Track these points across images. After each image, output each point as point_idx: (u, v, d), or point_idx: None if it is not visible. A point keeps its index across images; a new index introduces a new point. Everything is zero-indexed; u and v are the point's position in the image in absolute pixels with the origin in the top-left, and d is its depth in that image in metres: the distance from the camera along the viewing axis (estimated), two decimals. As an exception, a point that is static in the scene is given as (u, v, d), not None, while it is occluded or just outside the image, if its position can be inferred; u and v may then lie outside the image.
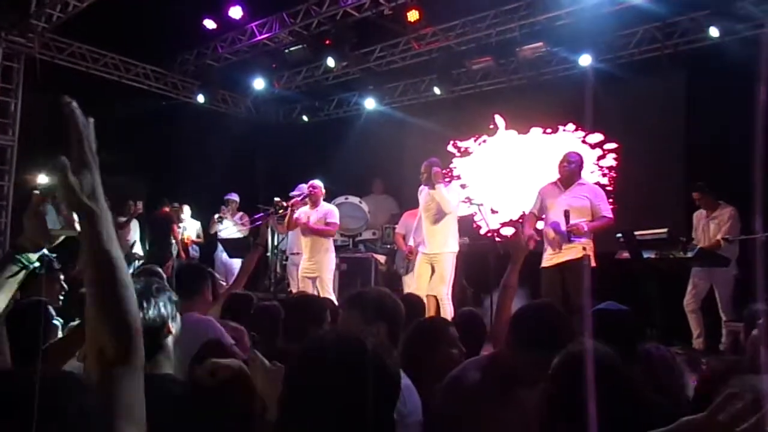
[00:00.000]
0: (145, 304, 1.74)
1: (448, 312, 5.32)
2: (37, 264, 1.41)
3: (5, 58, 7.48)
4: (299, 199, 6.39)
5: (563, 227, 4.88)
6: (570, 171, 5.12)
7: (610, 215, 5.04)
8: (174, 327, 1.78)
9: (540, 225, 5.25)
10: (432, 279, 5.69)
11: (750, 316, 1.95)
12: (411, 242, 6.29)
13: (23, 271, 1.34)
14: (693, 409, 1.63)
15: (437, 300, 5.52)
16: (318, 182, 6.39)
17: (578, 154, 5.30)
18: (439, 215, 5.66)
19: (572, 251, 4.89)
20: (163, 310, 1.75)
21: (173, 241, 7.99)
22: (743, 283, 5.20)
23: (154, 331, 1.74)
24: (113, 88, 8.83)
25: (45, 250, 1.42)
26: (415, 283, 5.86)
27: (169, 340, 1.77)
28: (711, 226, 5.67)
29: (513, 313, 2.29)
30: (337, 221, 6.30)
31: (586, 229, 4.83)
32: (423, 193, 5.83)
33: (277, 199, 6.71)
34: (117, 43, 8.52)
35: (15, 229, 7.19)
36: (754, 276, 5.02)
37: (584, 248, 4.84)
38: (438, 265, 5.62)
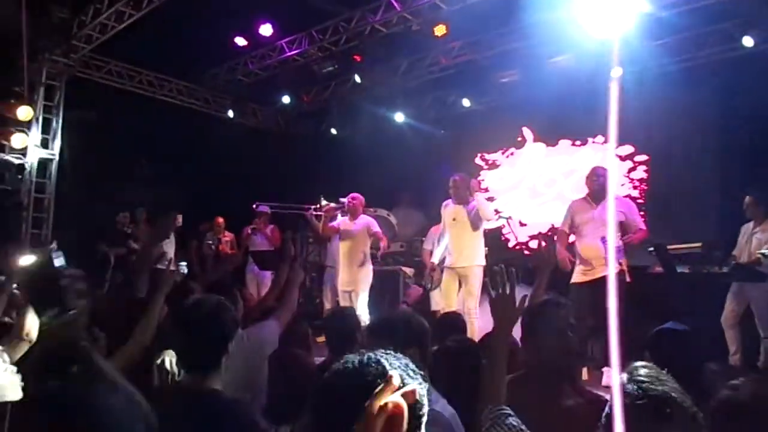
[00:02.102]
0: (219, 315, 1.83)
1: (476, 327, 5.18)
2: None
3: (48, 77, 7.77)
4: (333, 205, 6.41)
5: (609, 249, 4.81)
6: (599, 185, 5.05)
7: (644, 227, 5.00)
8: (230, 348, 1.87)
9: (571, 239, 5.23)
10: (460, 293, 5.58)
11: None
12: (435, 258, 6.13)
13: None
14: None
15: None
16: (357, 195, 6.41)
17: (605, 168, 5.24)
18: (473, 227, 5.57)
19: (607, 267, 4.79)
20: (226, 329, 1.85)
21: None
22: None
23: (219, 344, 1.82)
24: (149, 103, 9.10)
25: None
26: (443, 300, 5.72)
27: (224, 359, 1.85)
28: (754, 241, 5.50)
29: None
30: (379, 230, 6.27)
31: (631, 242, 4.78)
32: (449, 207, 5.75)
33: (323, 202, 6.69)
34: (152, 60, 8.78)
35: (56, 238, 7.43)
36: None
37: (620, 263, 4.73)
38: (467, 279, 5.50)
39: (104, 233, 7.85)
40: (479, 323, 5.28)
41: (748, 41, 6.36)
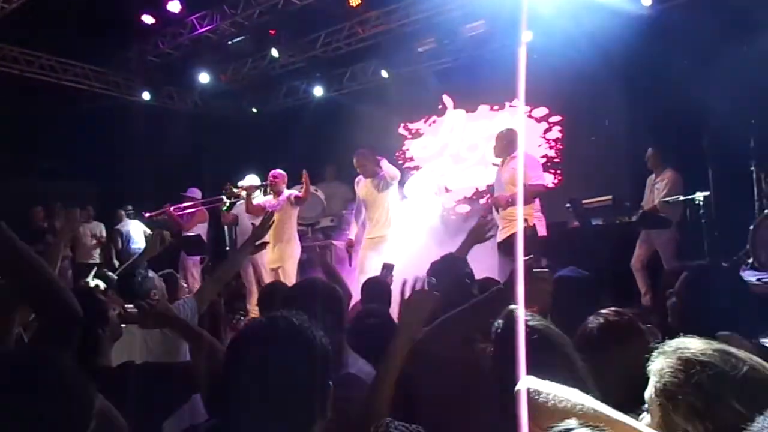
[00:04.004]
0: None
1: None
2: None
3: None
4: (254, 185, 6.36)
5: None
6: (501, 147, 5.28)
7: (534, 182, 5.00)
8: (105, 331, 1.87)
9: None
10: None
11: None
12: (352, 234, 6.16)
13: None
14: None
15: None
16: (279, 171, 6.37)
17: (507, 130, 5.44)
18: (385, 195, 5.77)
19: (516, 224, 4.93)
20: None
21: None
22: (682, 243, 5.47)
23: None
24: (52, 90, 8.56)
25: None
26: (359, 269, 5.73)
27: (105, 344, 1.91)
28: (655, 191, 5.90)
29: None
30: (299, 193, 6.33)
31: (509, 199, 4.98)
32: (360, 183, 5.95)
33: (228, 184, 6.62)
34: (52, 43, 8.25)
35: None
36: (690, 237, 5.29)
37: (525, 220, 4.93)
38: (383, 248, 5.64)
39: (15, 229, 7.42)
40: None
41: (646, 1, 6.69)
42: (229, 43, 8.14)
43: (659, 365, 1.08)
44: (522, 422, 1.02)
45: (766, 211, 4.98)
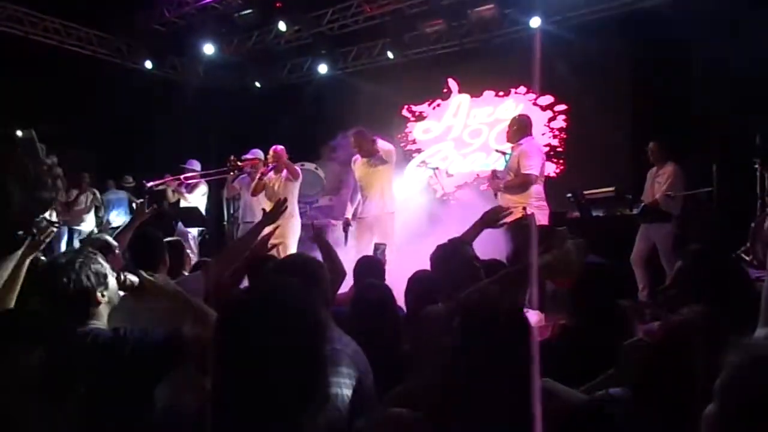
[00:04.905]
0: (70, 276, 1.79)
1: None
2: None
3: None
4: (269, 168, 6.31)
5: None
6: (511, 132, 5.28)
7: (527, 171, 4.97)
8: (105, 295, 1.83)
9: None
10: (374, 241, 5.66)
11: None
12: (349, 214, 6.02)
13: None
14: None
15: None
16: (280, 147, 6.31)
17: (521, 115, 5.39)
18: (383, 174, 5.70)
19: (516, 211, 4.96)
20: (86, 282, 1.79)
21: None
22: (681, 238, 5.44)
23: (81, 300, 1.80)
24: (54, 53, 8.45)
25: None
26: (355, 249, 5.65)
27: (102, 308, 1.83)
28: (655, 185, 5.86)
29: None
30: (300, 172, 6.31)
31: (502, 186, 5.04)
32: (357, 162, 5.86)
33: (232, 157, 6.58)
34: (57, 5, 8.12)
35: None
36: (691, 231, 5.28)
37: (524, 208, 4.89)
38: (378, 227, 5.63)
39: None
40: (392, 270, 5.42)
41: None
42: (236, 15, 8.02)
43: (729, 359, 1.08)
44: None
45: (768, 209, 4.97)
